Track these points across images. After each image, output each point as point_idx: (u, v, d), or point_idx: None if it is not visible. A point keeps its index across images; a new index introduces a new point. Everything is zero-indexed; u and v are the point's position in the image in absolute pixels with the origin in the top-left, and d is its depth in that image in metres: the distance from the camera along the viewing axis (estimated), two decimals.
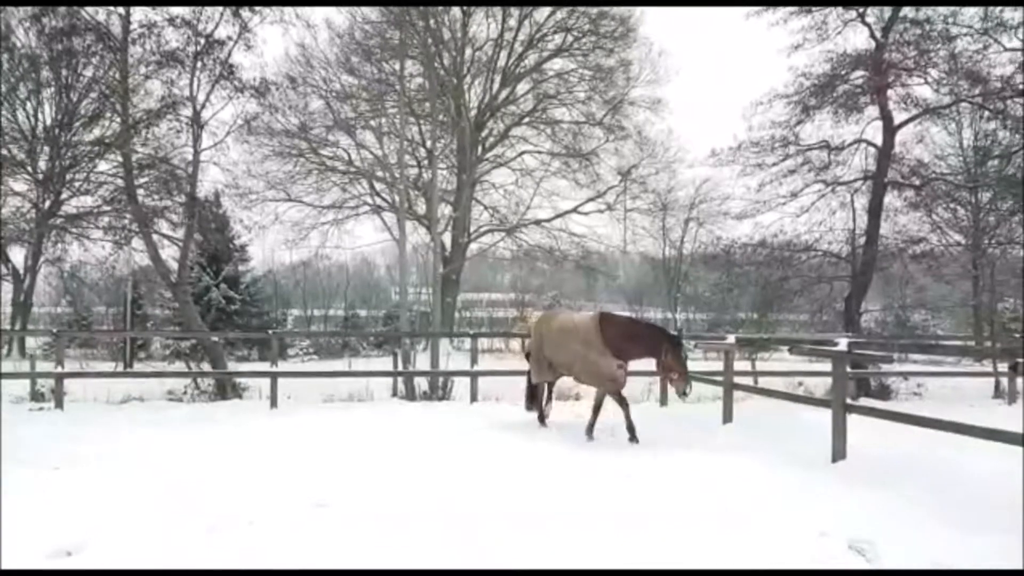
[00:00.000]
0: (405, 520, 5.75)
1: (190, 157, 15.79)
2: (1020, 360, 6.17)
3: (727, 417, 11.13)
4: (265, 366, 15.08)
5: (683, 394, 9.70)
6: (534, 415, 11.28)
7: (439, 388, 15.08)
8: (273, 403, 13.28)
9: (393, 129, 21.32)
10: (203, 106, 15.53)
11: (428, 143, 25.18)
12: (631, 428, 9.80)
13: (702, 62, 59.81)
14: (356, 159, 25.77)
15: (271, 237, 29.11)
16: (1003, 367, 16.06)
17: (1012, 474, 6.39)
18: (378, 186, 26.93)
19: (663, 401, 13.90)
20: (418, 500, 6.40)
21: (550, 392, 11.57)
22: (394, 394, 15.21)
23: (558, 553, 5.04)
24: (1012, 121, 22.02)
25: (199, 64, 15.29)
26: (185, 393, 14.96)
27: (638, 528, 5.66)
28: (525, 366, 11.72)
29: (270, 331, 17.99)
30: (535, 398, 11.30)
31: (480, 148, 29.21)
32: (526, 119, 29.94)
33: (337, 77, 24.39)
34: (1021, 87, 21.51)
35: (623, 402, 9.99)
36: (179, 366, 19.75)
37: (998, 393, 16.73)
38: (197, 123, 15.52)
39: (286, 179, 26.94)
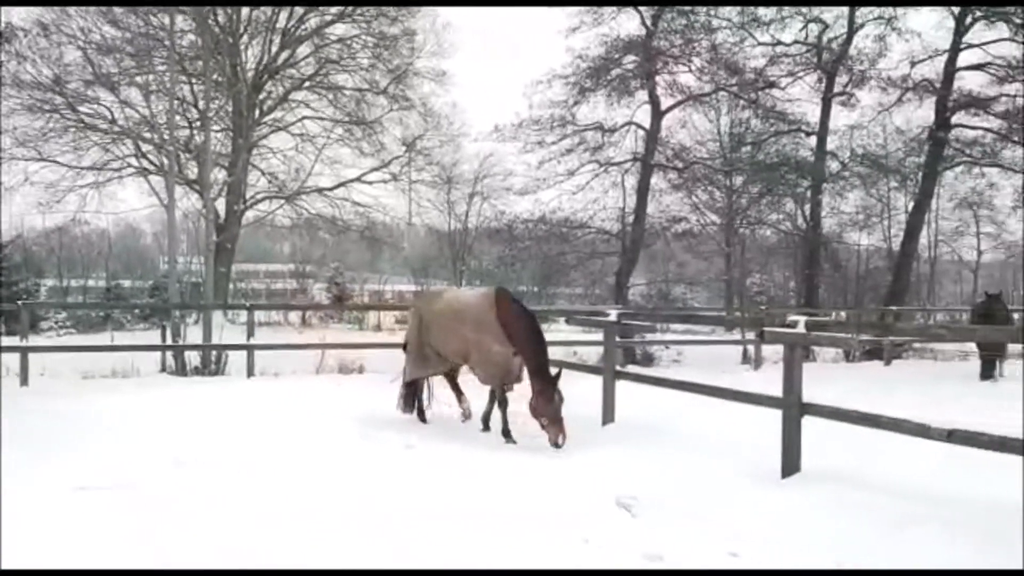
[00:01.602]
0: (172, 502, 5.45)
1: None
2: (764, 329, 6.79)
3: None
4: (14, 341, 13.66)
5: (555, 445, 7.58)
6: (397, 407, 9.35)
7: (212, 363, 14.39)
8: (24, 380, 12.10)
9: (162, 87, 19.88)
10: None
11: (201, 104, 23.66)
12: (505, 424, 8.25)
13: (488, 38, 60.58)
14: (120, 118, 23.79)
15: (20, 200, 26.27)
16: (750, 336, 17.66)
17: (758, 430, 7.07)
18: (145, 147, 25.02)
19: None
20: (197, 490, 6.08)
21: (454, 384, 9.44)
22: (163, 369, 14.33)
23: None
24: (763, 110, 24.17)
25: None
26: None
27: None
28: (302, 338, 11.03)
29: (19, 302, 16.31)
30: (413, 396, 9.29)
31: (258, 111, 27.90)
32: (307, 83, 28.95)
33: (98, 27, 22.31)
34: (771, 79, 23.60)
35: (504, 399, 8.35)
36: None
37: (746, 359, 18.39)
38: None
39: (37, 136, 24.40)
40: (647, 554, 4.65)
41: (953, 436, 5.05)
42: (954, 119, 23.56)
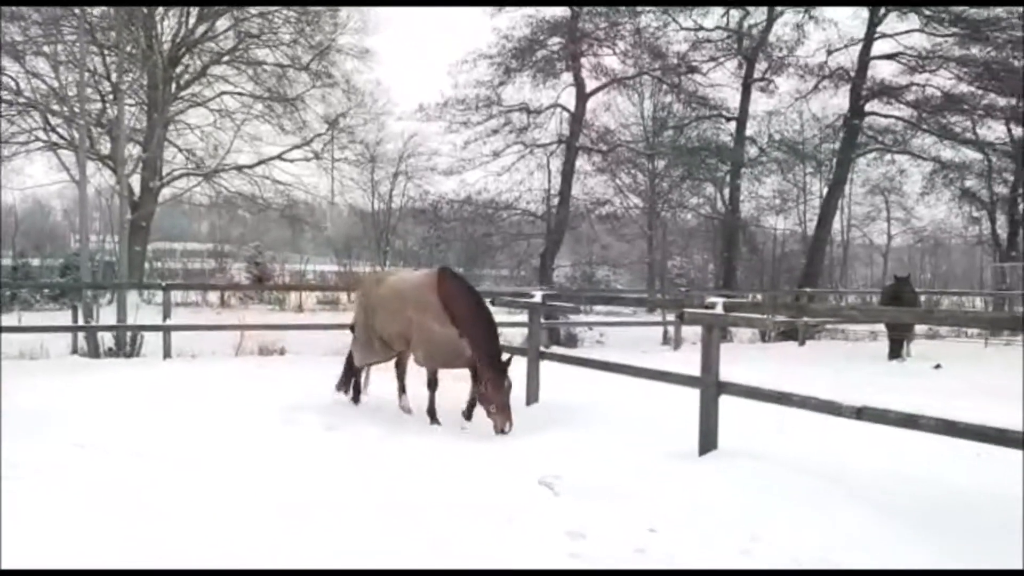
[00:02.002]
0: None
1: None
2: (684, 310, 6.93)
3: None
4: None
5: (501, 431, 7.36)
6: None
7: (127, 344, 13.96)
8: None
9: (72, 58, 19.04)
10: None
11: (114, 76, 22.80)
12: (431, 405, 8.01)
13: (413, 15, 59.88)
14: (26, 88, 22.75)
15: None
16: (670, 317, 18.00)
17: (677, 409, 7.23)
18: (54, 120, 23.95)
19: None
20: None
21: (401, 374, 8.86)
22: (74, 351, 13.85)
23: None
24: (685, 95, 24.56)
25: None
26: None
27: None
28: (221, 319, 10.64)
29: None
30: (350, 376, 8.97)
31: (175, 85, 27.00)
32: (226, 58, 28.15)
33: None
34: (693, 64, 23.97)
35: (434, 382, 8.03)
36: None
37: (666, 340, 18.75)
38: None
39: None
40: (569, 531, 4.72)
41: (863, 414, 5.24)
42: (867, 107, 24.38)
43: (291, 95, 28.45)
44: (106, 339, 13.99)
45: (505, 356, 7.70)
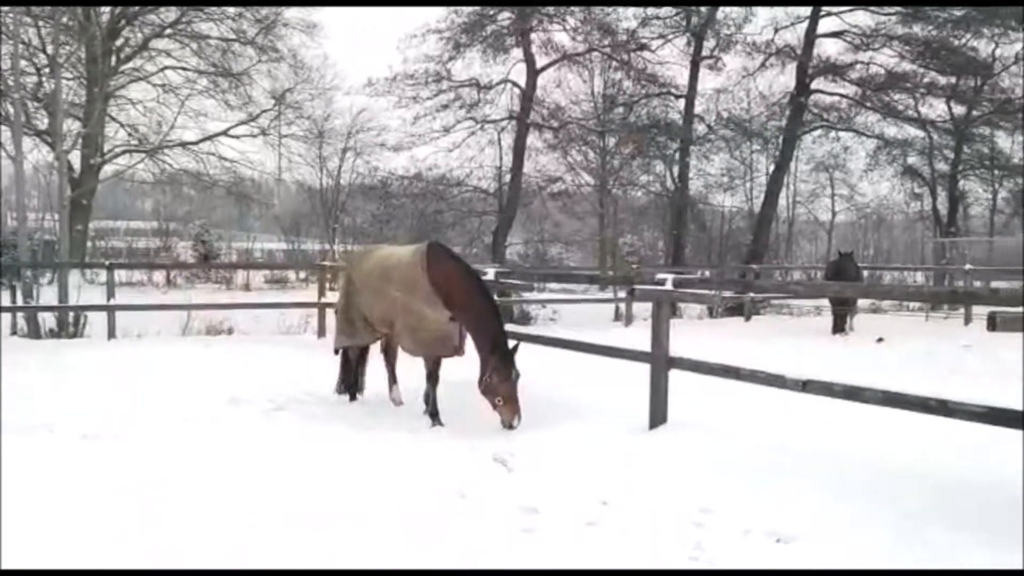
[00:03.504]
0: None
1: None
2: (635, 287, 7.01)
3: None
4: None
5: (509, 426, 6.68)
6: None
7: (70, 325, 13.63)
8: None
9: (5, 30, 18.38)
10: None
11: (50, 49, 22.09)
12: (433, 404, 7.20)
13: None
14: None
15: None
16: (622, 294, 18.15)
17: (629, 384, 7.31)
18: None
19: None
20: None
21: (390, 360, 8.10)
22: (13, 332, 13.46)
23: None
24: (635, 72, 24.64)
25: None
26: None
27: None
28: (167, 298, 10.27)
29: None
30: (347, 371, 8.16)
31: (115, 59, 26.21)
32: (168, 31, 27.41)
33: None
34: (643, 41, 24.04)
35: (434, 374, 7.26)
36: None
37: (618, 317, 18.90)
38: None
39: None
40: (523, 507, 4.75)
41: (808, 386, 5.36)
42: (813, 85, 24.75)
43: (236, 70, 27.82)
44: (47, 320, 13.63)
45: (512, 343, 7.00)
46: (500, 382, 6.68)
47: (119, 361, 9.99)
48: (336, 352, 8.25)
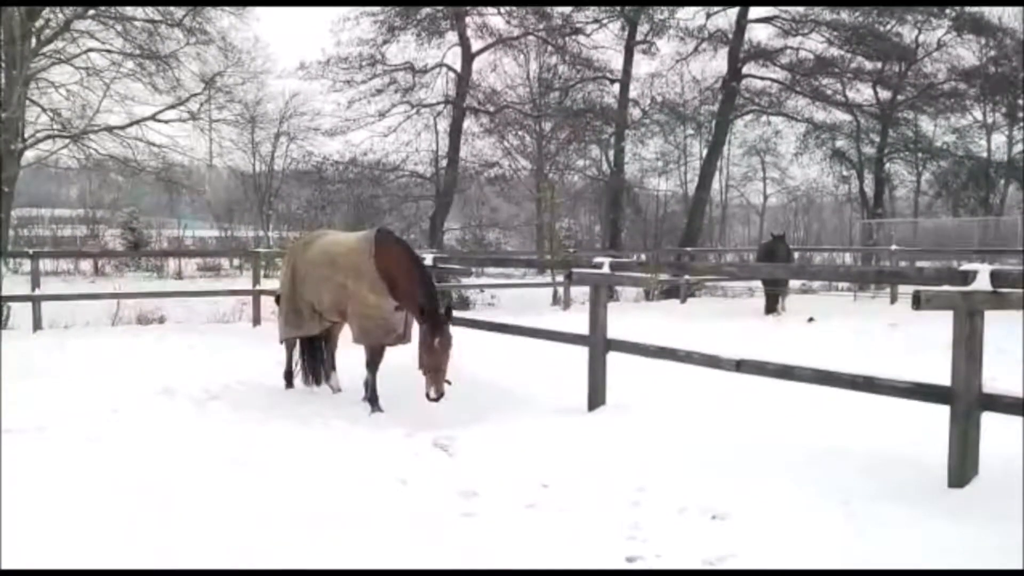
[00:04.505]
0: None
1: None
2: (573, 271, 7.05)
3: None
4: None
5: (427, 396, 6.46)
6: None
7: None
8: None
9: None
10: None
11: None
12: (373, 391, 7.13)
13: None
14: None
15: None
16: (560, 278, 18.22)
17: (567, 367, 7.36)
18: None
19: None
20: None
21: (331, 348, 8.03)
22: None
23: None
24: (570, 57, 24.69)
25: None
26: None
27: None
28: (95, 288, 9.85)
29: None
30: (311, 361, 7.95)
31: (35, 40, 25.25)
32: (91, 12, 26.47)
33: None
34: (577, 26, 24.09)
35: (373, 360, 7.18)
36: None
37: (556, 301, 18.98)
38: None
39: None
40: (462, 491, 4.76)
41: (742, 366, 5.46)
42: (744, 70, 25.13)
43: (164, 52, 27.00)
44: None
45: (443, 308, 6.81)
46: (424, 352, 6.50)
47: (45, 352, 9.66)
48: (281, 342, 8.04)
